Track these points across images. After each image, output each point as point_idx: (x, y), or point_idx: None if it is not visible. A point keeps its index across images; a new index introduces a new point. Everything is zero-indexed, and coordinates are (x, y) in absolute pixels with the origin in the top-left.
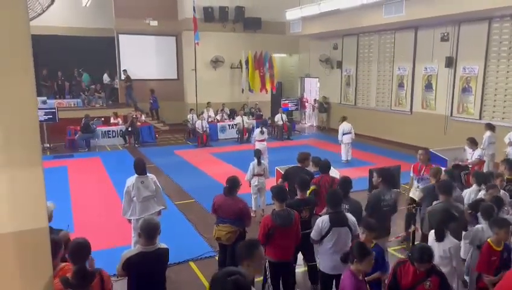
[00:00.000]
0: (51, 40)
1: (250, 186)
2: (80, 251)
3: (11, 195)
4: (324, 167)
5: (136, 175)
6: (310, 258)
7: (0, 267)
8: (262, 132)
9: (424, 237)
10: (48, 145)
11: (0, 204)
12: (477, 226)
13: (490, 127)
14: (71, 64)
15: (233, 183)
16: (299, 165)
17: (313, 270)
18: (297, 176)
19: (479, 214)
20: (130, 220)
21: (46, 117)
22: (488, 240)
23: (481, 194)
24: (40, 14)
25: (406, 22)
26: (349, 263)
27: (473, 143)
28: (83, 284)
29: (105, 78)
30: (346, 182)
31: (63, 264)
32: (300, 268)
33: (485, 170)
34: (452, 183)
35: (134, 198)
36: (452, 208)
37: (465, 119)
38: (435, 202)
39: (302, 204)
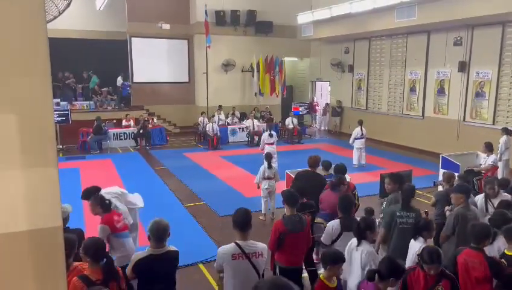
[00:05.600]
0: (64, 43)
1: (258, 188)
2: (100, 248)
3: (27, 194)
4: (339, 171)
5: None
6: (309, 265)
7: (15, 265)
8: (271, 135)
9: (444, 239)
10: (61, 146)
11: (17, 203)
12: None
13: (507, 131)
14: (84, 67)
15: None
16: (309, 169)
17: (313, 276)
18: (309, 179)
19: None
20: None
21: (60, 119)
22: None
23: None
24: (56, 17)
25: (418, 26)
26: (376, 281)
27: (489, 148)
28: (110, 278)
29: (119, 80)
30: (408, 190)
31: (76, 263)
32: (304, 273)
33: (499, 176)
34: (470, 186)
35: None
36: (472, 212)
37: (478, 125)
38: (447, 207)
39: (306, 208)
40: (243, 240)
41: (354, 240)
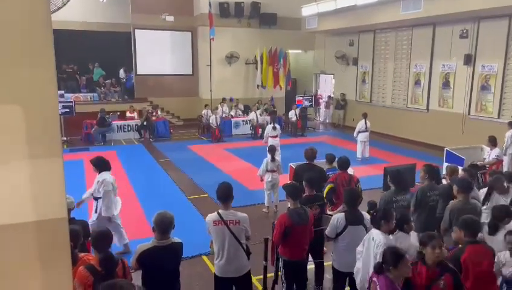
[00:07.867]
0: (68, 35)
1: (261, 181)
2: (104, 239)
3: (33, 186)
4: (342, 164)
5: (107, 171)
6: (317, 256)
7: (22, 255)
8: (274, 128)
9: (443, 232)
10: (65, 138)
11: (23, 194)
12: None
13: None
14: (88, 59)
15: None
16: (307, 162)
17: (319, 269)
18: (310, 172)
19: None
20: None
21: (64, 111)
22: None
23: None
24: (60, 8)
25: (424, 19)
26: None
27: (493, 142)
28: (110, 270)
29: (121, 73)
30: (435, 170)
31: (82, 254)
32: (310, 265)
33: (504, 170)
34: (471, 181)
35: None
36: (471, 206)
37: (483, 118)
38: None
39: (311, 201)
40: (225, 210)
41: (372, 231)
